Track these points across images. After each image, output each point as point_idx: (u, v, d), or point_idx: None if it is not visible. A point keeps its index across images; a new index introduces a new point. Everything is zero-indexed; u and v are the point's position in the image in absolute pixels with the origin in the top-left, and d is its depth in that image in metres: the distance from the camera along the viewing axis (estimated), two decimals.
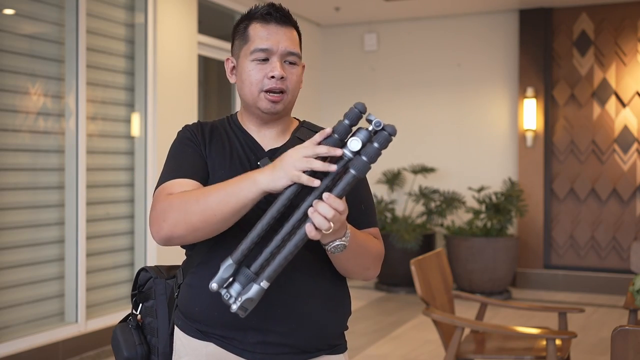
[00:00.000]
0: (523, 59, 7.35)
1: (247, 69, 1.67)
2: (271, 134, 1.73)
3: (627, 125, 7.07)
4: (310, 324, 1.63)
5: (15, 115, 4.39)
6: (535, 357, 3.33)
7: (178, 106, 5.60)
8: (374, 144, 1.42)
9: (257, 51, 1.66)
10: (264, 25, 1.67)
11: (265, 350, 1.61)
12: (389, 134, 1.42)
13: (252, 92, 1.67)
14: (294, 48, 1.68)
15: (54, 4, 4.65)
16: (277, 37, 1.66)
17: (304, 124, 1.79)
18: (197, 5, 5.84)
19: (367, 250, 1.64)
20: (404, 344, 5.16)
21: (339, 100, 8.03)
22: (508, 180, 7.19)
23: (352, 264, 1.63)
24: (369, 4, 7.24)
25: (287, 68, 1.67)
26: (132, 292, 1.84)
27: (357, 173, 1.41)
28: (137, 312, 1.82)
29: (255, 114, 1.71)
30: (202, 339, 1.65)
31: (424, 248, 6.96)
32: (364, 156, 1.42)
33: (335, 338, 1.71)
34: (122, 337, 1.79)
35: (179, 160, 1.66)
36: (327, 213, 1.40)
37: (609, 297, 6.87)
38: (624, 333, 1.98)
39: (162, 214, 1.54)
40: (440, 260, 3.86)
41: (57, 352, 4.48)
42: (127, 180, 5.25)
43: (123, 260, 5.20)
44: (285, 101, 1.68)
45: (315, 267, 1.65)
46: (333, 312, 1.69)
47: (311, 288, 1.64)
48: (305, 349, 1.64)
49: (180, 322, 1.70)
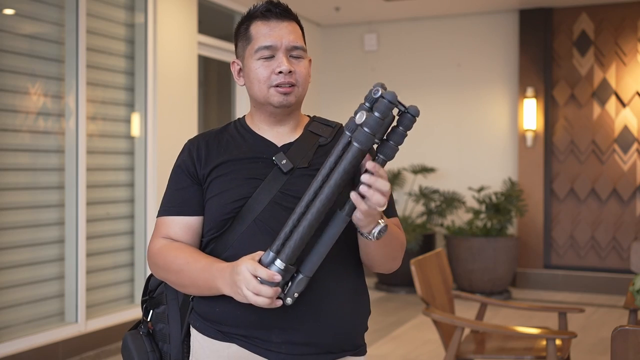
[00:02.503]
0: (523, 59, 7.35)
1: (253, 68, 1.66)
2: (284, 131, 1.71)
3: (627, 125, 7.07)
4: (335, 322, 1.61)
5: (15, 115, 4.39)
6: (535, 357, 3.33)
7: (178, 106, 5.60)
8: (399, 128, 1.44)
9: (261, 49, 1.65)
10: (265, 23, 1.66)
11: (291, 350, 1.58)
12: (412, 115, 1.44)
13: (262, 89, 1.66)
14: (298, 42, 1.67)
15: (54, 4, 4.65)
16: (279, 33, 1.65)
17: (315, 118, 1.78)
18: (197, 5, 5.84)
19: (397, 238, 1.64)
20: (404, 344, 5.15)
21: (339, 100, 8.03)
22: (508, 180, 7.19)
23: (384, 252, 1.62)
24: (369, 4, 7.24)
25: (293, 62, 1.66)
26: (143, 298, 1.82)
27: (385, 157, 1.43)
28: (147, 319, 1.79)
29: (267, 112, 1.69)
30: (224, 340, 1.62)
31: (424, 248, 6.96)
32: (391, 141, 1.43)
33: (359, 338, 1.69)
34: (133, 345, 1.77)
35: (174, 192, 1.71)
36: (384, 187, 1.41)
37: (609, 297, 6.87)
38: (624, 333, 1.98)
39: (151, 262, 1.69)
40: (440, 260, 3.85)
41: (57, 352, 4.48)
42: (127, 180, 5.25)
43: (123, 260, 5.20)
44: (297, 93, 1.67)
45: (339, 265, 1.62)
46: (356, 309, 1.67)
47: (336, 286, 1.62)
48: (330, 349, 1.62)
49: (198, 324, 1.67)
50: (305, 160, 1.65)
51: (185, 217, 1.67)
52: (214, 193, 1.65)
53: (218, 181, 1.65)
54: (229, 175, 1.65)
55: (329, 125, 1.75)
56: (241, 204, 1.62)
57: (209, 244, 1.67)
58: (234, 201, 1.62)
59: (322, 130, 1.73)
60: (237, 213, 1.62)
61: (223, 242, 1.63)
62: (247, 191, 1.62)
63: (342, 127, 1.75)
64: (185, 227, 1.67)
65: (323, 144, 1.70)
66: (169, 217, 1.69)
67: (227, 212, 1.62)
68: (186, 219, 1.67)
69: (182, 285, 1.63)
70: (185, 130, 5.67)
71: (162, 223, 1.70)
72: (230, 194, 1.63)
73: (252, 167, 1.65)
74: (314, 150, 1.68)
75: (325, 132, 1.72)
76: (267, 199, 1.61)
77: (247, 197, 1.62)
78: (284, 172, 1.63)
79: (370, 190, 1.40)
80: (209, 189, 1.66)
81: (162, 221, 1.70)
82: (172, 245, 1.65)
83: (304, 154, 1.66)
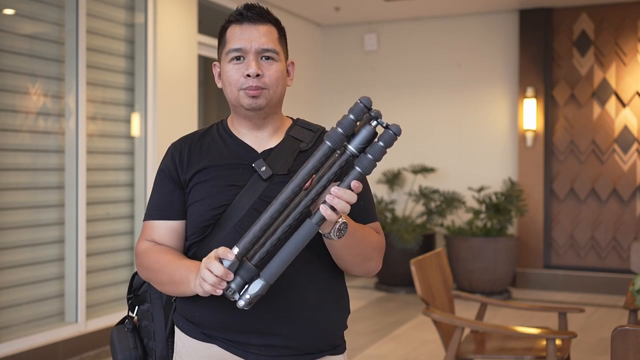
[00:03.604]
0: (523, 59, 7.35)
1: (226, 70, 1.69)
2: (264, 135, 1.72)
3: (627, 125, 7.07)
4: (312, 325, 1.64)
5: (15, 115, 4.39)
6: (535, 357, 3.33)
7: (178, 106, 5.60)
8: (380, 143, 1.43)
9: (232, 51, 1.67)
10: (237, 26, 1.69)
11: (270, 352, 1.62)
12: (394, 133, 1.43)
13: (233, 92, 1.68)
14: (269, 44, 1.67)
15: (54, 4, 4.65)
16: (250, 36, 1.66)
17: (298, 122, 1.78)
18: (197, 5, 5.84)
19: (366, 239, 1.64)
20: (404, 344, 5.15)
21: (339, 100, 8.02)
22: (508, 180, 7.19)
23: (352, 252, 1.62)
24: (369, 4, 7.24)
25: (264, 65, 1.67)
26: (128, 295, 1.85)
27: (362, 170, 1.43)
28: (133, 315, 1.83)
29: (242, 115, 1.71)
30: (205, 341, 1.66)
31: (424, 248, 6.96)
32: (369, 154, 1.43)
33: (337, 338, 1.71)
34: (117, 339, 1.81)
35: (158, 196, 1.74)
36: (352, 199, 1.44)
37: (609, 297, 6.87)
38: (624, 333, 1.98)
39: (138, 262, 1.73)
40: (440, 260, 3.85)
41: (57, 352, 4.48)
42: (127, 180, 5.25)
43: (123, 260, 5.20)
44: (267, 96, 1.67)
45: (314, 267, 1.64)
46: (334, 311, 1.69)
47: (311, 288, 1.64)
48: (308, 350, 1.65)
49: (181, 324, 1.71)
50: (285, 166, 1.66)
51: (168, 221, 1.71)
52: (195, 199, 1.68)
53: (199, 187, 1.68)
54: (209, 182, 1.67)
55: (310, 130, 1.75)
56: (221, 210, 1.64)
57: (191, 247, 1.70)
58: (214, 208, 1.65)
59: (304, 135, 1.73)
60: (217, 220, 1.65)
61: (204, 246, 1.65)
62: (227, 198, 1.65)
63: (324, 130, 1.76)
64: (169, 230, 1.71)
65: (304, 150, 1.70)
66: (153, 221, 1.72)
67: (208, 218, 1.65)
68: (170, 223, 1.71)
69: (161, 283, 1.66)
70: (185, 130, 5.64)
71: (147, 227, 1.74)
72: (210, 201, 1.65)
73: (232, 173, 1.67)
74: (294, 157, 1.68)
75: (306, 137, 1.73)
76: (247, 206, 1.63)
77: (227, 204, 1.64)
78: (264, 179, 1.64)
79: (335, 199, 1.43)
80: (191, 195, 1.69)
81: (147, 225, 1.74)
82: (156, 248, 1.69)
83: (283, 160, 1.67)
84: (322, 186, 1.45)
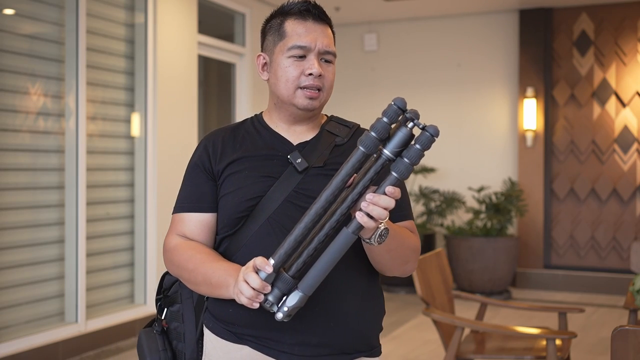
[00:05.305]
0: (523, 59, 7.35)
1: (283, 65, 1.64)
2: (301, 129, 1.70)
3: (627, 125, 7.07)
4: (349, 323, 1.60)
5: (15, 115, 4.39)
6: (535, 357, 3.33)
7: (178, 106, 5.60)
8: (416, 146, 1.37)
9: (294, 48, 1.63)
10: (301, 22, 1.65)
11: (304, 351, 1.57)
12: (432, 134, 1.38)
13: (289, 88, 1.64)
14: (331, 47, 1.67)
15: (54, 4, 4.65)
16: (314, 35, 1.64)
17: (332, 118, 1.77)
18: (197, 5, 5.84)
19: (405, 242, 1.61)
20: (404, 344, 5.15)
21: (339, 100, 8.02)
22: (508, 180, 7.19)
23: (391, 256, 1.59)
24: (369, 4, 7.24)
25: (323, 66, 1.66)
26: (157, 296, 1.81)
27: (399, 175, 1.38)
28: (161, 317, 1.78)
29: (289, 111, 1.68)
30: (236, 342, 1.62)
31: (424, 248, 6.96)
32: (406, 158, 1.37)
33: (373, 338, 1.68)
34: (146, 342, 1.76)
35: (189, 189, 1.70)
36: (390, 204, 1.37)
37: (609, 297, 6.87)
38: (624, 333, 1.98)
39: (167, 258, 1.70)
40: (440, 260, 3.85)
41: (57, 352, 4.48)
42: (127, 180, 5.25)
43: (123, 260, 5.20)
44: (322, 99, 1.66)
45: (352, 265, 1.61)
46: (370, 310, 1.66)
47: (349, 286, 1.60)
48: (344, 350, 1.60)
49: (211, 324, 1.67)
50: (321, 159, 1.64)
51: (200, 213, 1.66)
52: (228, 190, 1.64)
53: (233, 178, 1.64)
54: (243, 172, 1.64)
55: (346, 126, 1.74)
56: (255, 202, 1.61)
57: (222, 242, 1.66)
58: (248, 199, 1.61)
59: (339, 130, 1.72)
60: (250, 211, 1.61)
61: (236, 240, 1.62)
62: (261, 189, 1.61)
63: (359, 127, 1.74)
64: (200, 223, 1.66)
65: (339, 144, 1.68)
66: (184, 213, 1.68)
67: (241, 210, 1.61)
68: (201, 215, 1.66)
69: (195, 283, 1.61)
70: (185, 130, 5.67)
71: (177, 220, 1.69)
72: (244, 191, 1.62)
73: (266, 164, 1.64)
74: (330, 150, 1.66)
75: (342, 132, 1.71)
76: (281, 198, 1.59)
77: (262, 195, 1.61)
78: (299, 171, 1.61)
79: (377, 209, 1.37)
80: (223, 186, 1.65)
81: (177, 218, 1.69)
82: (188, 245, 1.65)
83: (319, 153, 1.65)
84: (358, 193, 1.39)
